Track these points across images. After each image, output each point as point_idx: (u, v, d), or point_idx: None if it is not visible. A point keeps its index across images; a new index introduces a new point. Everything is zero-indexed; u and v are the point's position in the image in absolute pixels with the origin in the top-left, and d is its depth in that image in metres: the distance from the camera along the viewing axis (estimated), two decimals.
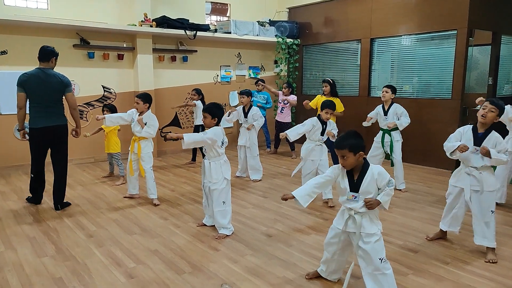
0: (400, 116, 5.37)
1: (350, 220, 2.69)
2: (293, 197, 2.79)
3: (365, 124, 5.56)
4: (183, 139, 3.55)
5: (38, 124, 4.50)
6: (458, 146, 3.35)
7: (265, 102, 7.95)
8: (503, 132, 4.53)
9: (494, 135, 3.36)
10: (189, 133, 3.75)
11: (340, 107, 6.38)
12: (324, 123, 4.79)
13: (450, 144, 3.45)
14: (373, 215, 2.66)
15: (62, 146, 4.71)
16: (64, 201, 4.80)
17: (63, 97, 4.65)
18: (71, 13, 6.81)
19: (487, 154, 3.26)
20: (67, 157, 4.78)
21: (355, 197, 2.65)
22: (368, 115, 5.62)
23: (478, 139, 3.39)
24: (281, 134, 4.95)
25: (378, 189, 2.63)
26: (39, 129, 4.50)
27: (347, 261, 2.96)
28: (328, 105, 4.78)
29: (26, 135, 4.66)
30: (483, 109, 3.36)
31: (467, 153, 3.42)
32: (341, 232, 2.76)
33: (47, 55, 4.57)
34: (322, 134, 4.79)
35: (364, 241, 2.63)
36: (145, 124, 4.80)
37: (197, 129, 6.84)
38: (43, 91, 4.49)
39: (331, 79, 6.54)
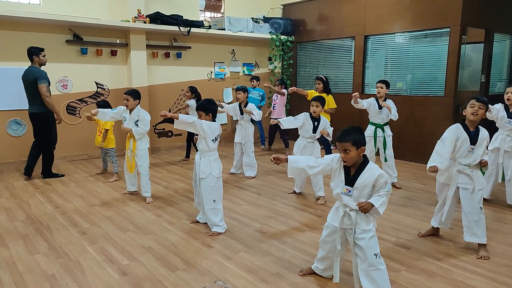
0: (391, 111, 5.41)
1: (346, 217, 2.70)
2: (286, 161, 2.85)
3: (353, 102, 5.43)
4: (177, 118, 3.61)
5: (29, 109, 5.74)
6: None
7: (260, 99, 7.94)
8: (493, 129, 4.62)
9: (483, 131, 3.43)
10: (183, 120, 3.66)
11: (332, 103, 6.39)
12: (315, 120, 4.77)
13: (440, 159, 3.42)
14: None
15: (39, 130, 5.76)
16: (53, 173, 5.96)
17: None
18: (63, 8, 6.75)
19: (485, 165, 3.44)
20: (44, 140, 5.78)
21: (349, 191, 2.65)
22: (358, 100, 5.41)
23: (473, 138, 3.41)
24: (272, 120, 4.98)
25: (374, 188, 2.62)
26: (29, 113, 5.75)
27: (342, 258, 2.97)
28: (316, 98, 4.77)
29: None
30: (471, 107, 3.37)
31: (464, 151, 3.42)
32: (337, 230, 2.77)
33: (28, 55, 5.61)
34: (314, 131, 4.77)
35: (359, 237, 2.64)
36: (136, 121, 4.75)
37: None
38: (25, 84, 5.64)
39: (324, 76, 6.55)
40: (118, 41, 7.32)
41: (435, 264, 3.28)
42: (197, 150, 3.93)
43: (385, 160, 5.41)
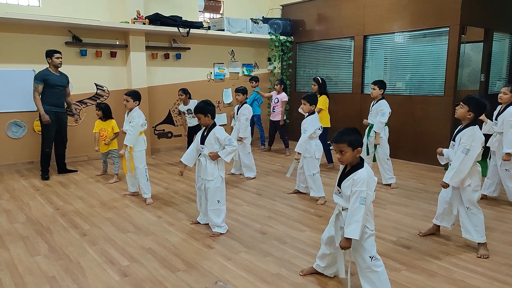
0: (377, 114, 5.31)
1: (340, 215, 2.71)
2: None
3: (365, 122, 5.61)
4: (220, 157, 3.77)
5: None
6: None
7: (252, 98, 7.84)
8: None
9: (467, 130, 3.33)
10: (222, 151, 3.78)
11: (320, 104, 6.21)
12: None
13: None
14: None
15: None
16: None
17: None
18: (63, 10, 6.76)
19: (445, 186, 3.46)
20: (42, 136, 6.00)
21: (339, 192, 2.66)
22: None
23: (455, 135, 3.45)
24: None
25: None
26: None
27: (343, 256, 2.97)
28: (304, 97, 4.76)
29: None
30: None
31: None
32: (336, 226, 2.76)
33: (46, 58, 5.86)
34: None
35: None
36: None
37: (192, 131, 6.78)
38: None
39: (320, 78, 6.51)
40: (117, 43, 7.32)
41: (436, 264, 3.28)
42: (198, 154, 3.93)
43: (373, 160, 5.42)
